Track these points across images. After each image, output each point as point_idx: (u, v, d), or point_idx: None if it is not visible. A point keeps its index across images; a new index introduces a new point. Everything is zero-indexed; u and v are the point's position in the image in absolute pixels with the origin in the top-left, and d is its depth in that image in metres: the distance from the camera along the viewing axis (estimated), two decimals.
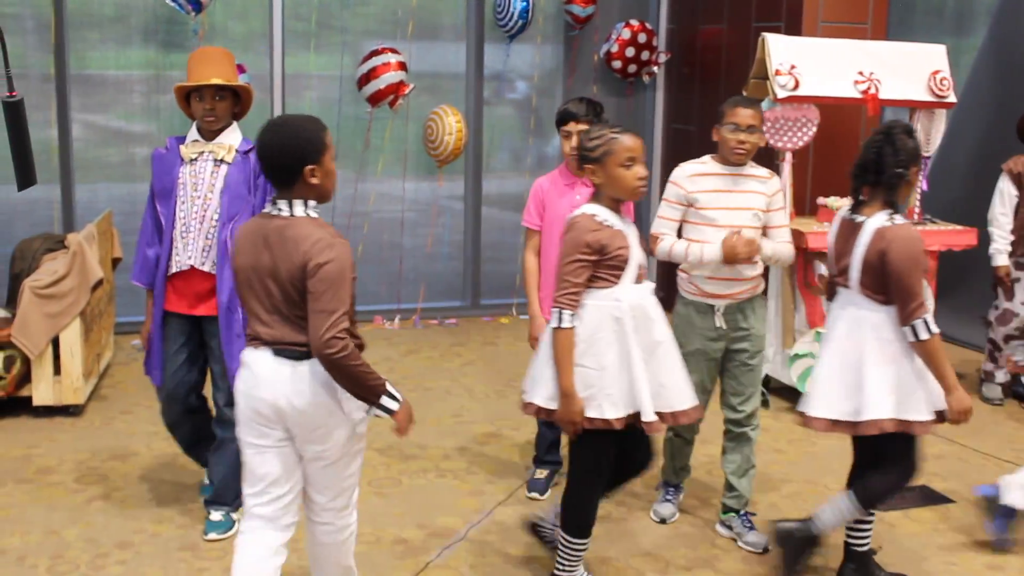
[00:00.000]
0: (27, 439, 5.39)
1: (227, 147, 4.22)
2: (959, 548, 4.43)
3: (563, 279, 3.58)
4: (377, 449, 5.38)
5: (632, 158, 3.57)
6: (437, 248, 8.30)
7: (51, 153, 7.19)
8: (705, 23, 7.96)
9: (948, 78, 6.16)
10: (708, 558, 4.30)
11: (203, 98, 4.16)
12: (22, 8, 7.10)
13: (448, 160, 7.64)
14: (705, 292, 4.30)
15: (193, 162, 4.19)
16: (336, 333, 3.04)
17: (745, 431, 4.43)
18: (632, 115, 8.54)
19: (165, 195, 4.21)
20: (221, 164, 4.19)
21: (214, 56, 4.22)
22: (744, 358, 4.36)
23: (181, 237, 4.18)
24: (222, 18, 7.48)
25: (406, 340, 7.54)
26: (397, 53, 7.46)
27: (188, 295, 4.23)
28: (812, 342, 5.92)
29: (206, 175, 4.18)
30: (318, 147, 3.19)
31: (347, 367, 3.09)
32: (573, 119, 4.58)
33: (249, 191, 4.19)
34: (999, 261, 6.14)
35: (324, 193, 3.23)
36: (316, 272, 3.04)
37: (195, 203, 4.16)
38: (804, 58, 5.96)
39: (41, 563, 4.11)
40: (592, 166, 3.61)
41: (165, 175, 4.21)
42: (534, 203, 4.70)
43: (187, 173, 4.18)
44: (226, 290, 4.15)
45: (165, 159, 4.24)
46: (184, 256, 4.18)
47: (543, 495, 4.81)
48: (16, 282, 6.01)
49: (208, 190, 4.17)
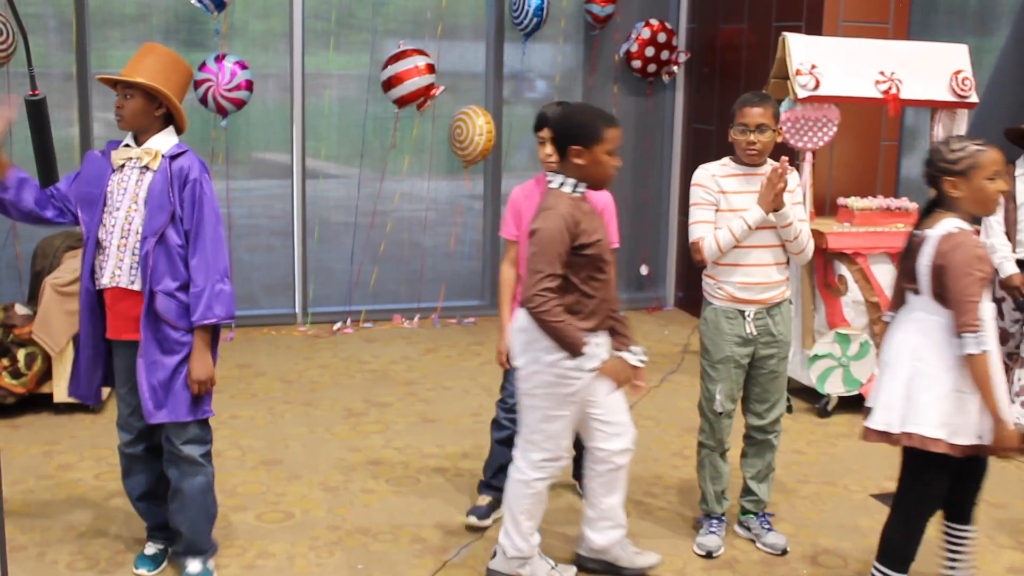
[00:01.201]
0: (48, 436, 5.42)
1: (153, 152, 3.74)
2: (979, 551, 4.40)
3: (966, 301, 3.41)
4: (396, 448, 5.39)
5: (997, 172, 3.50)
6: (457, 247, 8.31)
7: (73, 151, 7.22)
8: (725, 22, 7.94)
9: (970, 78, 6.12)
10: (727, 559, 4.29)
11: (118, 95, 3.74)
12: (44, 8, 7.14)
13: (476, 160, 7.66)
14: (736, 298, 4.21)
15: (121, 169, 3.75)
16: (538, 291, 3.54)
17: (768, 438, 4.38)
18: (652, 115, 8.53)
19: (91, 203, 3.75)
20: (147, 172, 3.73)
21: (148, 52, 3.75)
22: (772, 365, 4.29)
23: (103, 249, 3.73)
24: (242, 17, 7.51)
25: (425, 339, 7.55)
26: (425, 55, 7.45)
27: (114, 316, 3.77)
28: (832, 343, 5.90)
29: (130, 184, 3.73)
30: (591, 135, 3.65)
31: (545, 322, 3.59)
32: (547, 124, 4.22)
33: (169, 201, 3.70)
34: (1009, 270, 5.47)
35: (588, 177, 3.69)
36: (530, 236, 3.62)
37: (116, 215, 3.71)
38: (825, 58, 5.94)
39: (61, 559, 4.13)
40: (954, 179, 3.51)
41: (95, 180, 3.76)
42: (510, 213, 4.45)
43: (115, 181, 3.75)
44: (147, 308, 3.70)
45: (97, 163, 3.80)
46: (109, 272, 3.73)
47: (483, 521, 4.49)
48: (38, 279, 6.05)
49: (132, 200, 3.71)
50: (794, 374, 6.15)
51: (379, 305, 8.10)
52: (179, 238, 3.71)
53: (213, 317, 3.71)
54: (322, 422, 5.75)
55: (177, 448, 3.80)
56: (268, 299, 7.95)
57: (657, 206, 8.71)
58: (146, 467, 3.98)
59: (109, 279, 3.73)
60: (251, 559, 4.16)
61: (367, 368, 6.80)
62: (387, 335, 7.65)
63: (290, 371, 6.68)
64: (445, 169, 8.11)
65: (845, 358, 5.93)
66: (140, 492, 4.01)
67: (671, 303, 8.71)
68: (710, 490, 4.40)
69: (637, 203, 8.51)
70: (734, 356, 4.24)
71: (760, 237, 4.16)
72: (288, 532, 4.41)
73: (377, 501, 4.76)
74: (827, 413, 6.01)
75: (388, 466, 5.16)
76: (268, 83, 7.69)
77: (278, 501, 4.72)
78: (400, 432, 5.64)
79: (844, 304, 5.95)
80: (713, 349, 4.26)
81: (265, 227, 7.95)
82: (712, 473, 4.39)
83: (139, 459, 3.96)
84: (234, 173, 7.66)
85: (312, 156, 7.84)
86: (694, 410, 4.58)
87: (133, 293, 3.72)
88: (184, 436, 3.80)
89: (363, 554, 4.24)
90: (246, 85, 7.02)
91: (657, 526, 4.56)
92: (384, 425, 5.74)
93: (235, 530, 4.39)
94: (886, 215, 6.10)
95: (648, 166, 8.62)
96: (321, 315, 7.93)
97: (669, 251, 8.72)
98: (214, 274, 3.72)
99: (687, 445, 5.43)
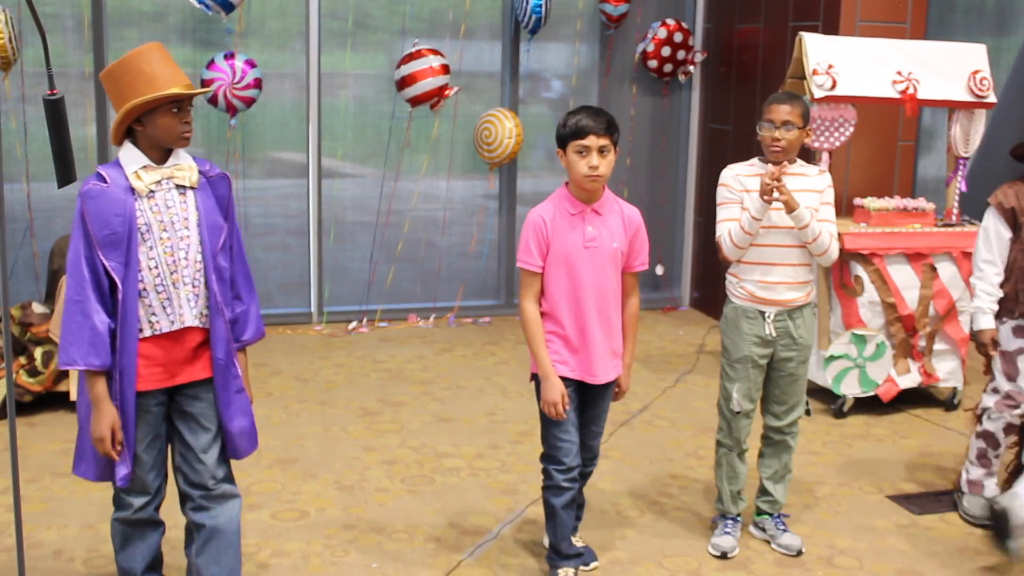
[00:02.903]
0: (64, 434, 5.45)
1: (189, 168, 3.33)
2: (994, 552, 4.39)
3: None
4: (411, 447, 5.40)
5: None
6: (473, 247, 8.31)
7: (89, 151, 7.25)
8: (742, 22, 7.92)
9: (988, 78, 6.09)
10: (741, 560, 4.28)
11: (181, 109, 3.26)
12: (62, 7, 7.17)
13: (503, 163, 7.72)
14: (757, 297, 4.19)
15: (152, 195, 3.28)
16: None
17: (786, 439, 4.37)
18: (668, 115, 8.51)
19: (116, 243, 3.21)
20: (185, 191, 3.33)
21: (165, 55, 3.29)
22: (791, 368, 4.26)
23: (158, 291, 3.28)
24: (259, 16, 7.53)
25: (440, 339, 7.56)
26: (440, 55, 7.46)
27: (168, 362, 3.33)
28: (848, 344, 5.89)
29: (175, 207, 3.30)
30: None
31: None
32: (593, 133, 3.71)
33: (222, 217, 3.40)
34: (982, 324, 4.49)
35: None
36: None
37: (166, 244, 3.28)
38: (842, 57, 5.92)
39: (78, 556, 4.15)
40: None
41: (112, 217, 3.21)
42: (536, 240, 3.82)
43: (147, 209, 3.26)
44: (222, 343, 3.38)
45: (106, 196, 3.22)
46: (170, 314, 3.30)
47: None
48: (55, 278, 6.08)
49: (183, 226, 3.31)
50: (810, 375, 6.13)
51: (394, 304, 8.11)
52: (225, 259, 3.44)
53: (261, 335, 3.56)
54: (337, 421, 5.76)
55: (217, 485, 3.45)
56: (283, 298, 7.97)
57: (673, 206, 8.69)
58: (155, 530, 3.60)
59: (170, 323, 3.30)
60: (266, 558, 4.17)
61: (382, 367, 6.81)
62: (402, 334, 7.66)
63: (305, 370, 6.70)
64: (461, 169, 8.11)
65: (861, 359, 5.91)
66: (148, 561, 3.61)
67: (687, 303, 8.70)
68: (726, 490, 4.39)
69: (653, 203, 8.50)
70: (752, 356, 4.22)
71: (781, 237, 4.14)
72: (303, 531, 4.42)
73: (392, 500, 4.76)
74: (843, 414, 5.99)
75: (403, 465, 5.17)
76: (284, 82, 7.70)
77: (293, 500, 4.73)
78: (415, 431, 5.65)
79: (860, 305, 5.93)
80: (732, 348, 4.25)
81: (281, 226, 7.97)
82: (729, 473, 4.38)
83: (150, 523, 3.56)
84: (250, 172, 7.69)
85: (328, 155, 7.86)
86: (709, 410, 4.58)
87: (195, 331, 3.36)
88: (225, 469, 3.50)
89: (378, 553, 4.24)
90: (255, 83, 7.05)
91: (672, 526, 4.56)
92: (399, 424, 5.74)
93: (250, 529, 4.40)
94: (903, 216, 6.07)
95: (664, 166, 8.61)
96: (336, 314, 7.94)
97: (685, 251, 8.71)
98: (254, 288, 3.55)
99: (702, 445, 5.42)
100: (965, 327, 6.07)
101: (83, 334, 3.21)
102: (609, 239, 3.82)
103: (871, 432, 5.78)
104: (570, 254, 3.79)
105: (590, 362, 3.87)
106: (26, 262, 7.15)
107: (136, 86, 3.19)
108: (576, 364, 3.87)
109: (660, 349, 7.39)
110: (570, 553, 4.05)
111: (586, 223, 3.80)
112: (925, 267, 5.95)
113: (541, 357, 3.82)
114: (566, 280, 3.81)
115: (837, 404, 6.01)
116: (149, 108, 3.21)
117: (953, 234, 6.01)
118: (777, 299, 4.18)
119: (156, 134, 3.26)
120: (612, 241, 3.83)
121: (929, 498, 4.91)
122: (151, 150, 3.29)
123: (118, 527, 3.55)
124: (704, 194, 8.42)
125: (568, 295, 3.82)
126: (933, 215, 6.14)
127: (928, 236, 5.96)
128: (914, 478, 5.16)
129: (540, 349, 3.82)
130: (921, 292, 5.96)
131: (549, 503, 3.99)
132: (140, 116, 3.23)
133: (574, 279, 3.80)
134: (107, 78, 3.27)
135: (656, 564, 4.21)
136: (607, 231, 3.82)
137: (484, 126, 7.68)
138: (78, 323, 3.22)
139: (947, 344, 6.11)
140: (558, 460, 3.92)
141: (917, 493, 4.98)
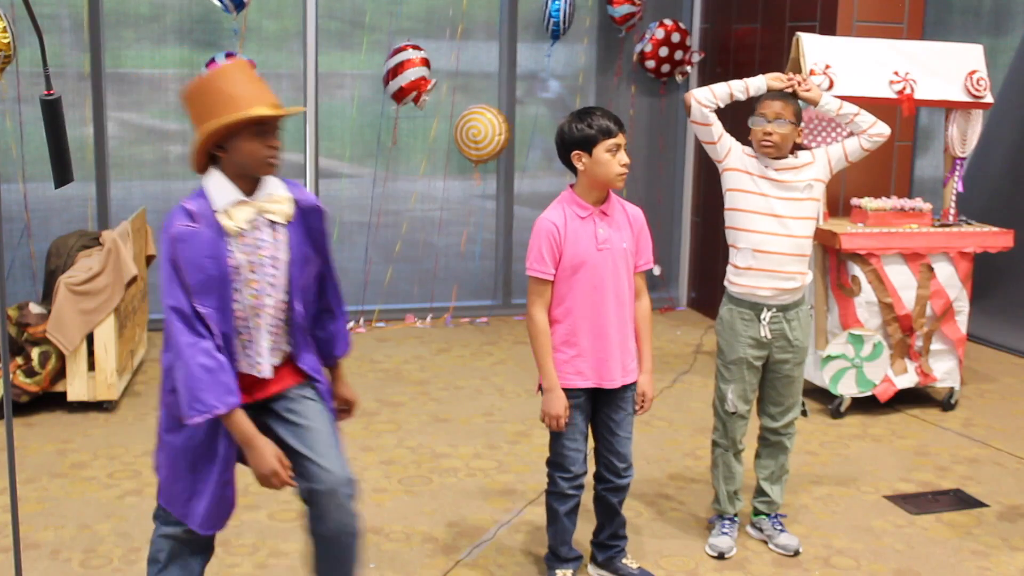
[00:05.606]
0: (61, 434, 5.44)
1: (282, 200, 3.02)
2: (993, 552, 4.39)
3: None
4: (408, 448, 5.39)
5: None
6: (469, 247, 8.31)
7: (86, 151, 7.25)
8: (739, 22, 7.93)
9: (985, 78, 6.10)
10: (739, 560, 4.28)
11: (266, 132, 2.93)
12: (59, 8, 7.16)
13: (489, 160, 7.70)
14: (751, 286, 4.16)
15: (243, 234, 2.97)
16: None
17: (782, 440, 4.37)
18: (665, 115, 8.52)
19: (208, 288, 2.91)
20: (277, 227, 3.02)
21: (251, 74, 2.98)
22: (786, 369, 4.27)
23: (240, 332, 3.04)
24: (256, 16, 7.52)
25: (437, 339, 7.55)
26: (419, 49, 7.48)
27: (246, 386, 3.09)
28: (845, 344, 5.89)
29: (267, 247, 3.00)
30: None
31: None
32: (621, 131, 3.71)
33: (317, 251, 3.14)
34: None
35: None
36: None
37: (253, 288, 3.01)
38: (839, 58, 5.92)
39: (75, 557, 4.15)
40: None
41: (207, 261, 2.90)
42: (549, 247, 3.71)
43: (238, 251, 2.96)
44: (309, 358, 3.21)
45: (198, 239, 2.90)
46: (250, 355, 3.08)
47: None
48: (52, 278, 6.07)
49: (272, 266, 3.02)
50: (807, 375, 6.12)
51: (392, 305, 8.11)
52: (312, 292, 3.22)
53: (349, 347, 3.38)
54: None
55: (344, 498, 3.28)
56: None
57: (670, 206, 8.70)
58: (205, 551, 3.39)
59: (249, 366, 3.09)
60: (263, 558, 4.17)
61: (379, 367, 6.81)
62: (399, 335, 7.65)
63: None
64: (459, 169, 8.11)
65: (858, 359, 5.91)
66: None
67: (684, 303, 8.70)
68: (723, 490, 4.39)
69: (650, 203, 8.49)
70: (747, 358, 4.22)
71: (783, 225, 4.14)
72: (301, 531, 4.41)
73: (389, 500, 4.76)
74: (840, 414, 6.00)
75: (400, 466, 5.17)
76: (281, 83, 7.70)
77: (291, 500, 4.72)
78: (412, 431, 5.65)
79: (857, 305, 5.94)
80: (727, 349, 4.25)
81: None
82: (725, 473, 4.37)
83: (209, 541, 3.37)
84: None
85: (325, 156, 7.85)
86: (706, 411, 4.58)
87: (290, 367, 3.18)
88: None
89: (375, 553, 4.24)
90: None
91: (669, 526, 4.56)
92: (396, 424, 5.74)
93: (247, 529, 4.40)
94: (900, 216, 6.08)
95: (661, 166, 8.61)
96: None
97: (682, 251, 8.71)
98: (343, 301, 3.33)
99: (699, 446, 5.42)
100: (962, 327, 6.08)
101: (213, 376, 2.89)
102: (619, 240, 3.79)
103: (868, 432, 5.78)
104: (585, 258, 3.72)
105: (607, 367, 3.79)
106: (23, 263, 7.14)
107: (216, 108, 2.87)
108: (591, 371, 3.79)
109: (657, 349, 7.38)
110: (569, 557, 4.04)
111: (597, 226, 3.75)
112: (922, 267, 5.95)
113: (548, 369, 3.75)
114: (583, 285, 3.73)
115: (834, 404, 6.01)
116: (229, 132, 2.89)
117: (950, 234, 6.01)
118: (773, 286, 4.15)
119: (240, 160, 2.93)
120: (622, 242, 3.80)
121: (926, 498, 4.92)
122: (238, 179, 2.96)
123: (165, 543, 3.28)
124: (701, 194, 8.43)
125: (586, 300, 3.74)
126: (930, 215, 6.15)
127: (925, 236, 5.97)
128: (911, 478, 5.17)
129: (547, 361, 3.75)
130: (918, 292, 5.96)
131: (552, 508, 3.98)
132: (222, 141, 2.91)
133: (591, 283, 3.73)
134: (188, 99, 2.97)
135: (653, 564, 4.21)
136: (616, 232, 3.79)
137: (471, 124, 7.67)
138: (202, 366, 2.88)
139: (944, 344, 6.11)
140: (564, 468, 3.91)
141: (914, 493, 4.98)
